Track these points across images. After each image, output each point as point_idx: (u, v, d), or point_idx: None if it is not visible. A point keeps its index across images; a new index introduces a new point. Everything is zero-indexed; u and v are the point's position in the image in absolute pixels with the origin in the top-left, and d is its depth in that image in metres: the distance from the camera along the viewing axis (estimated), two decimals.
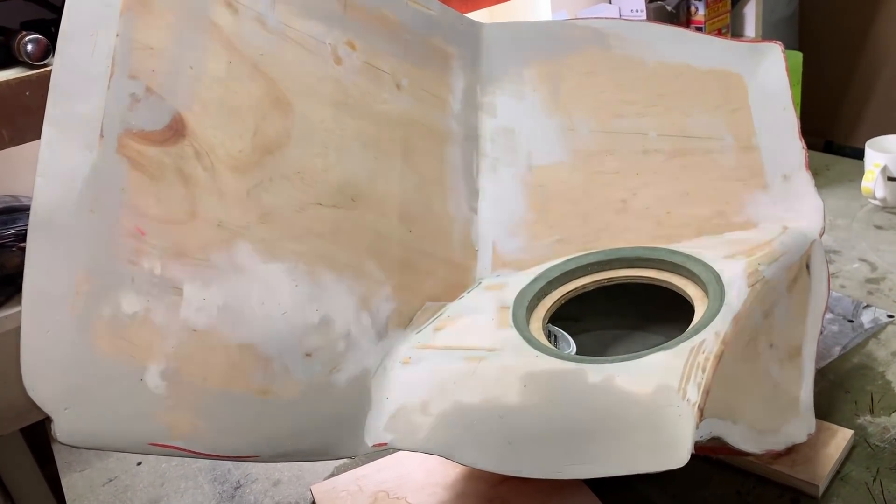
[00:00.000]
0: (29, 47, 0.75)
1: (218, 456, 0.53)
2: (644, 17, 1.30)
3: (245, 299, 0.57)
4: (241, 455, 0.54)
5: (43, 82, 0.74)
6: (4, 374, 0.87)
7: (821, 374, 0.78)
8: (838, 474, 0.67)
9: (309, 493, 0.77)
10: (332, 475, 0.78)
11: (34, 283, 0.49)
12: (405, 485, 0.73)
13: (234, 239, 0.58)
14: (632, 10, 1.29)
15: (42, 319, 0.49)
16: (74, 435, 0.48)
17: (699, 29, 1.34)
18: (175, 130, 0.57)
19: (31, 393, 0.47)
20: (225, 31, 0.62)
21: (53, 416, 0.48)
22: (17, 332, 0.86)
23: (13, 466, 1.07)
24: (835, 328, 0.85)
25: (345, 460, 0.80)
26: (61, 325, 0.49)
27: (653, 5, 1.31)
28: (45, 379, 0.48)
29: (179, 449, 0.51)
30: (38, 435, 1.02)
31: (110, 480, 0.85)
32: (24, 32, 0.76)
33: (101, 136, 0.53)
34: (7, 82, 0.72)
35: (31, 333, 0.48)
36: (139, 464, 0.86)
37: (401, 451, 0.76)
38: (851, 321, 0.86)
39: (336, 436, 0.59)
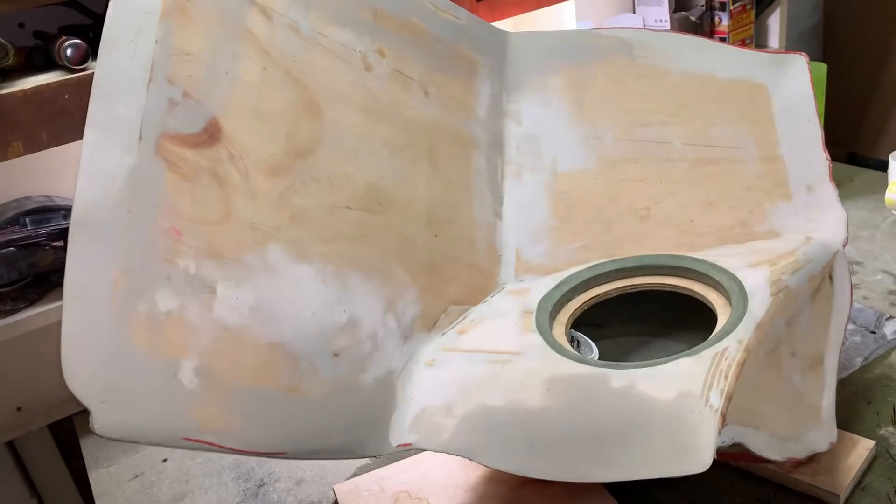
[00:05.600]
0: (69, 51, 0.77)
1: (247, 452, 0.54)
2: (668, 27, 1.31)
3: (276, 299, 0.58)
4: (270, 451, 0.55)
5: (81, 86, 0.76)
6: (35, 371, 0.89)
7: (842, 385, 0.78)
8: (859, 484, 0.67)
9: (331, 492, 0.78)
10: (355, 475, 0.79)
11: (74, 279, 0.51)
12: (426, 486, 0.74)
13: (266, 240, 0.59)
14: (656, 21, 1.30)
15: (82, 315, 0.50)
16: (111, 428, 0.49)
17: (723, 40, 1.35)
18: (211, 134, 0.59)
19: (70, 386, 0.49)
20: (259, 38, 0.63)
21: (91, 409, 0.49)
22: (48, 329, 0.88)
23: (40, 462, 1.09)
24: (857, 339, 0.85)
25: (366, 461, 0.81)
26: (100, 320, 0.51)
27: (677, 16, 1.32)
28: (83, 373, 0.49)
29: (211, 444, 0.53)
30: (65, 431, 1.04)
31: (136, 476, 0.87)
32: (64, 37, 0.78)
33: (140, 138, 0.55)
34: (47, 85, 0.74)
35: (71, 328, 0.50)
36: (164, 460, 0.88)
37: (422, 453, 0.77)
38: (874, 332, 0.86)
39: (361, 435, 0.60)
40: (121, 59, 0.56)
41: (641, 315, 0.82)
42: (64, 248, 0.90)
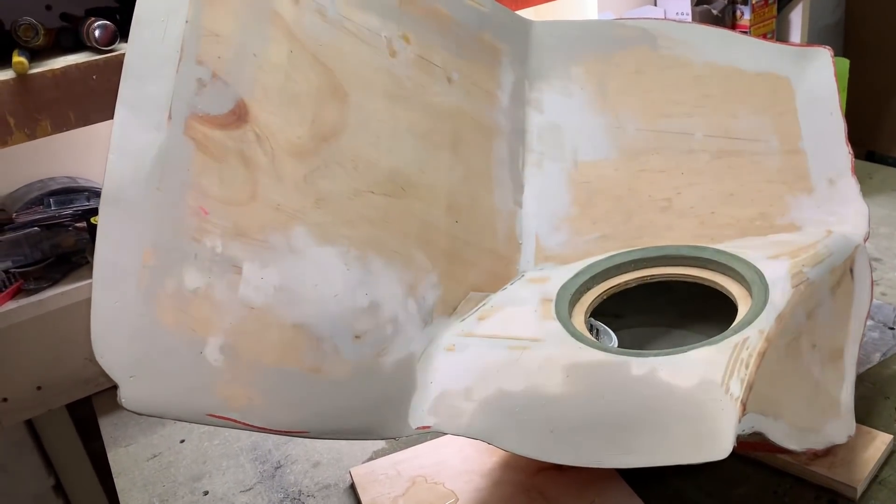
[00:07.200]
0: (97, 32, 0.77)
1: (269, 430, 0.55)
2: (690, 19, 1.30)
3: (300, 280, 0.59)
4: (292, 430, 0.56)
5: (109, 67, 0.77)
6: (56, 351, 0.90)
7: (860, 380, 0.78)
8: (876, 478, 0.67)
9: (348, 475, 0.78)
10: (371, 459, 0.80)
11: (104, 255, 0.51)
12: (442, 471, 0.75)
13: (291, 222, 0.60)
14: (677, 13, 1.29)
15: (111, 290, 0.51)
16: (138, 402, 0.50)
17: (744, 34, 1.34)
18: (238, 115, 0.59)
19: (99, 360, 0.49)
20: (287, 21, 0.64)
21: (119, 384, 0.49)
22: (70, 309, 0.89)
23: (58, 441, 1.10)
24: (875, 335, 0.85)
25: (383, 445, 0.82)
26: (129, 296, 0.51)
27: (698, 9, 1.31)
28: (112, 348, 0.50)
29: (234, 421, 0.53)
30: (84, 411, 1.05)
31: (154, 456, 0.87)
32: (93, 18, 0.79)
33: (170, 118, 0.55)
34: (76, 66, 0.75)
35: (100, 303, 0.50)
36: (182, 441, 0.89)
37: (439, 439, 0.78)
38: (892, 328, 0.86)
39: (382, 416, 0.61)
40: (151, 39, 0.56)
41: (660, 306, 0.82)
42: (86, 230, 0.91)
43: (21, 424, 1.05)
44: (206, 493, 0.80)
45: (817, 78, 0.78)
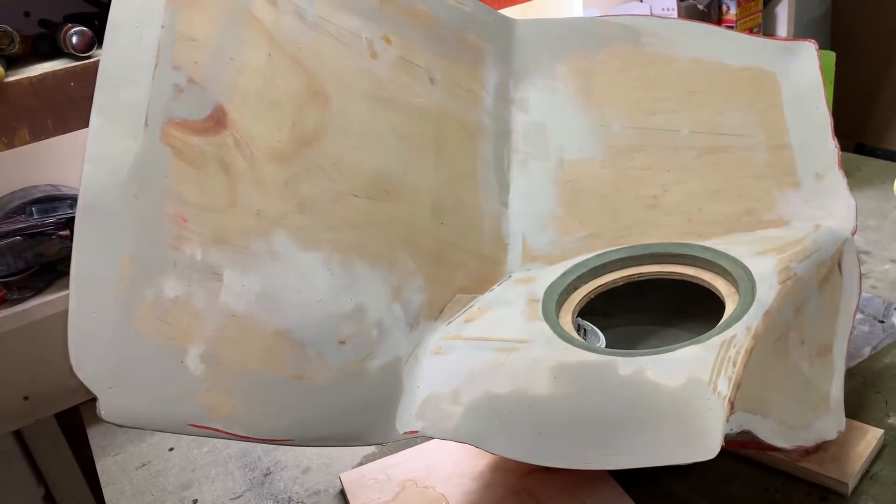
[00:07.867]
0: (74, 39, 0.77)
1: (254, 438, 0.54)
2: (675, 15, 1.30)
3: (282, 286, 0.58)
4: (276, 438, 0.55)
5: (87, 73, 0.76)
6: (42, 360, 0.89)
7: (851, 374, 0.78)
8: (868, 473, 0.67)
9: (338, 480, 0.78)
10: (361, 464, 0.79)
11: (81, 265, 0.51)
12: (433, 475, 0.74)
13: (272, 227, 0.59)
14: (663, 9, 1.29)
15: (88, 301, 0.50)
16: (118, 414, 0.49)
17: (730, 28, 1.34)
18: (216, 121, 0.58)
19: (77, 372, 0.49)
20: (265, 24, 0.63)
21: (98, 395, 0.49)
22: (54, 318, 0.89)
23: (47, 451, 1.10)
24: (865, 328, 0.85)
25: (373, 450, 0.81)
26: (106, 306, 0.50)
27: (684, 4, 1.31)
28: (90, 359, 0.49)
29: (217, 430, 0.53)
30: (72, 420, 1.04)
31: (143, 465, 0.87)
32: (70, 25, 0.78)
33: (146, 124, 0.55)
34: (53, 73, 0.74)
35: (78, 314, 0.50)
36: (171, 449, 0.88)
37: (429, 442, 0.77)
38: (882, 322, 0.86)
39: (368, 422, 0.60)
40: (126, 45, 0.56)
41: (648, 304, 0.82)
42: (70, 238, 0.90)
43: (9, 435, 1.04)
44: (195, 501, 0.79)
45: (802, 72, 0.77)
